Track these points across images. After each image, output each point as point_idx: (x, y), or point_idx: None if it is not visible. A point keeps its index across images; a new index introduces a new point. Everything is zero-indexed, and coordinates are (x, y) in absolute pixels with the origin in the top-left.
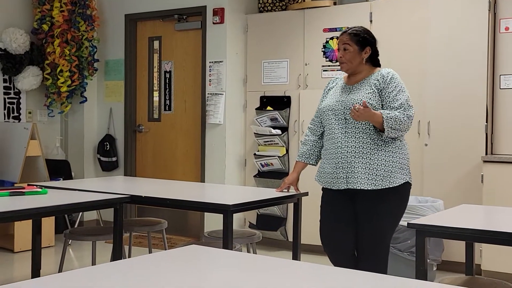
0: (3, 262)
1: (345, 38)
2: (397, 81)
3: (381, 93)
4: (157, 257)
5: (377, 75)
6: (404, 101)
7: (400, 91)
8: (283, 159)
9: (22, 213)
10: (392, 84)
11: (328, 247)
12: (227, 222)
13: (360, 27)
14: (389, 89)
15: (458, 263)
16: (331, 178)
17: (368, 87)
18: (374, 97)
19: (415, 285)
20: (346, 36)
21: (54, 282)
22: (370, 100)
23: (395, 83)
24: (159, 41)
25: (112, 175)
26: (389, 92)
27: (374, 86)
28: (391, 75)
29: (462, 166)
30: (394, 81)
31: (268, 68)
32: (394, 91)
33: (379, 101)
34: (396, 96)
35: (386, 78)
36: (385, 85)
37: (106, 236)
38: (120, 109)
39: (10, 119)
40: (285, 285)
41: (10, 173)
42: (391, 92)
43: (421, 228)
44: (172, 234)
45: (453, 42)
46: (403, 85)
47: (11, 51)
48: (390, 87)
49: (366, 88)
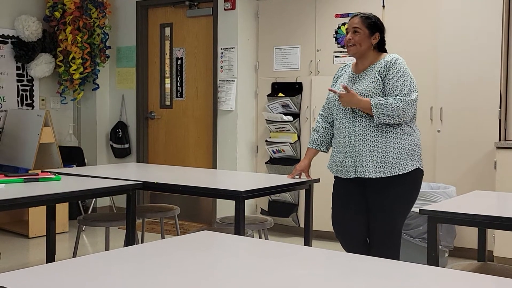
0: (19, 247)
1: (356, 20)
2: (399, 67)
3: (384, 80)
4: (170, 243)
5: (382, 62)
6: (403, 87)
7: (401, 77)
8: (294, 145)
9: (37, 199)
10: (393, 70)
11: (340, 235)
12: (239, 208)
13: (370, 13)
14: (390, 75)
15: (471, 249)
16: (341, 166)
17: (372, 75)
18: (378, 85)
19: (427, 271)
20: (357, 19)
21: (68, 267)
22: (373, 89)
23: (396, 69)
24: (170, 28)
25: (124, 161)
26: (389, 79)
27: (378, 74)
28: (393, 61)
29: (475, 152)
30: (396, 66)
31: (280, 54)
32: (395, 77)
33: (383, 89)
34: (396, 82)
35: (388, 64)
36: (387, 72)
37: (119, 222)
38: (132, 96)
39: (23, 106)
40: (297, 271)
41: (24, 160)
42: (391, 79)
43: (432, 215)
44: (184, 220)
45: (466, 26)
46: (405, 70)
47: (23, 38)
48: (390, 74)
49: (370, 77)
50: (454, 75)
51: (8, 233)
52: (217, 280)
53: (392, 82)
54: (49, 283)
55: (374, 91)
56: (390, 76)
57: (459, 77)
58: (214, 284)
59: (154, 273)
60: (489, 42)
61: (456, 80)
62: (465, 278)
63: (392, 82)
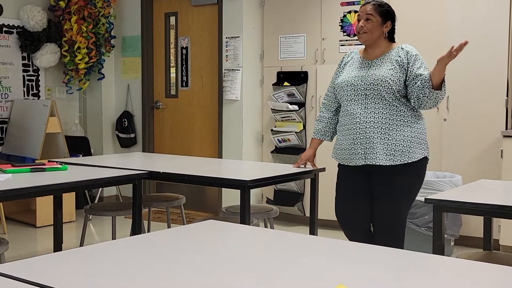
0: (26, 237)
1: (368, 7)
2: (419, 57)
3: (406, 70)
4: (176, 232)
5: (399, 51)
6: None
7: (426, 68)
8: (300, 134)
9: (43, 188)
10: (418, 61)
11: (344, 224)
12: (244, 197)
13: (382, 1)
14: (416, 65)
15: (476, 238)
16: (349, 154)
17: (389, 63)
18: (396, 73)
19: (432, 260)
20: (370, 6)
21: (75, 256)
22: (392, 76)
23: (421, 60)
24: (175, 17)
25: (130, 151)
26: (417, 68)
27: (396, 63)
28: (415, 52)
29: (481, 141)
30: (417, 57)
31: (285, 43)
32: (421, 67)
33: (401, 77)
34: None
35: (411, 54)
36: (411, 62)
37: (125, 211)
38: (138, 86)
39: (29, 96)
40: (302, 259)
41: (31, 150)
42: (419, 68)
43: (438, 203)
44: (190, 209)
45: (472, 15)
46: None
47: (29, 28)
48: (416, 64)
49: (387, 64)
50: (461, 63)
51: (16, 222)
52: (222, 269)
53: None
54: (57, 272)
55: (393, 78)
56: (416, 65)
57: (465, 66)
58: (219, 273)
59: (160, 262)
60: (496, 30)
61: (462, 69)
62: (471, 267)
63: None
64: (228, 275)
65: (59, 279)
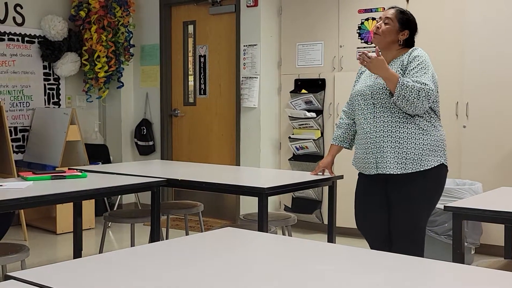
0: (47, 243)
1: (390, 11)
2: (421, 59)
3: (404, 72)
4: (194, 239)
5: (405, 56)
6: (421, 79)
7: (421, 69)
8: (318, 142)
9: (64, 196)
10: (415, 62)
11: (363, 232)
12: (262, 205)
13: (407, 10)
14: (411, 66)
15: (497, 246)
16: (363, 163)
17: (395, 69)
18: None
19: (452, 268)
20: (392, 11)
21: (95, 262)
22: None
23: (418, 61)
24: (193, 26)
25: (149, 159)
26: (410, 70)
27: (400, 68)
28: (415, 54)
29: (501, 148)
30: (418, 59)
31: (303, 50)
32: (416, 68)
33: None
34: (416, 73)
35: (411, 57)
36: (408, 64)
37: (144, 218)
38: (156, 94)
39: (50, 104)
40: (321, 267)
41: (52, 158)
42: (412, 69)
43: (457, 211)
44: (208, 216)
45: (491, 21)
46: (426, 64)
47: (50, 38)
48: (412, 65)
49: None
50: (480, 69)
51: (37, 229)
52: (240, 276)
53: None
54: (77, 278)
55: None
56: (411, 67)
57: (485, 72)
58: (238, 281)
59: (178, 269)
60: None
61: (481, 75)
62: (492, 276)
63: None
64: (246, 283)
65: (79, 285)
